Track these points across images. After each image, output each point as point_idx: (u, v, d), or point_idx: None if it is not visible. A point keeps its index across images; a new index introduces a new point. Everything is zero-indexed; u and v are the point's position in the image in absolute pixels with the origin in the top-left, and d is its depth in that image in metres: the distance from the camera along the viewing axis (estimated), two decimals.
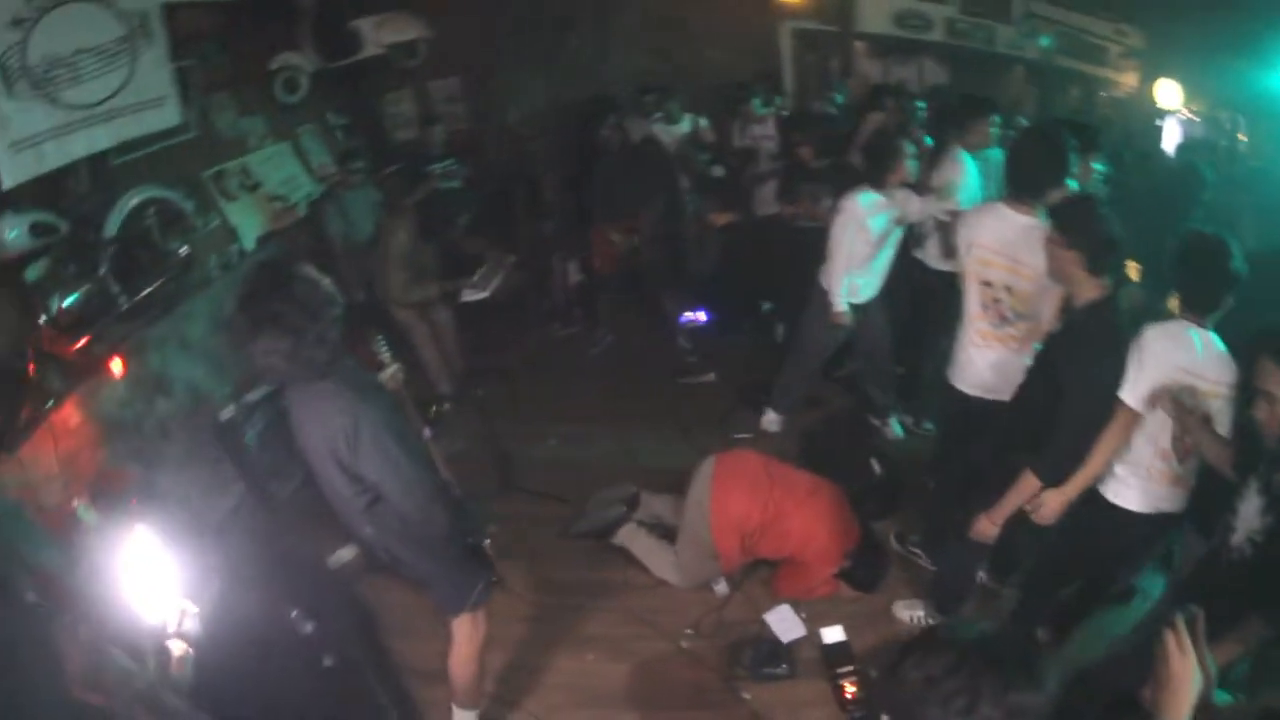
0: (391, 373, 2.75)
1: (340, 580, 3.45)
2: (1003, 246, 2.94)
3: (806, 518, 3.37)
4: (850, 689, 3.00)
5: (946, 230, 3.99)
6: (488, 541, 2.73)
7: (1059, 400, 2.53)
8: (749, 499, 3.35)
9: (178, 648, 2.44)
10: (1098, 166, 3.84)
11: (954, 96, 4.99)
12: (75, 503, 2.87)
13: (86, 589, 2.44)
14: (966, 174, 4.04)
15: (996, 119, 4.23)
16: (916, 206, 3.97)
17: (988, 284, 3.02)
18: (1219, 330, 2.42)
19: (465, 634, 2.64)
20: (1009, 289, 2.97)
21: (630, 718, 2.99)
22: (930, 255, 4.26)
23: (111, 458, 3.40)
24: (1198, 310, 2.41)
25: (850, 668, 3.07)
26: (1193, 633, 1.37)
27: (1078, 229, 2.50)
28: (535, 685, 3.10)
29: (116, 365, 3.35)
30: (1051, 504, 2.60)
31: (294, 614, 2.72)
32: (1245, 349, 2.22)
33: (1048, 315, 2.95)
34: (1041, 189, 2.89)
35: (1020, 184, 2.96)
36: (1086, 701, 2.51)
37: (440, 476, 2.77)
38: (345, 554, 3.60)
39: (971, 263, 3.05)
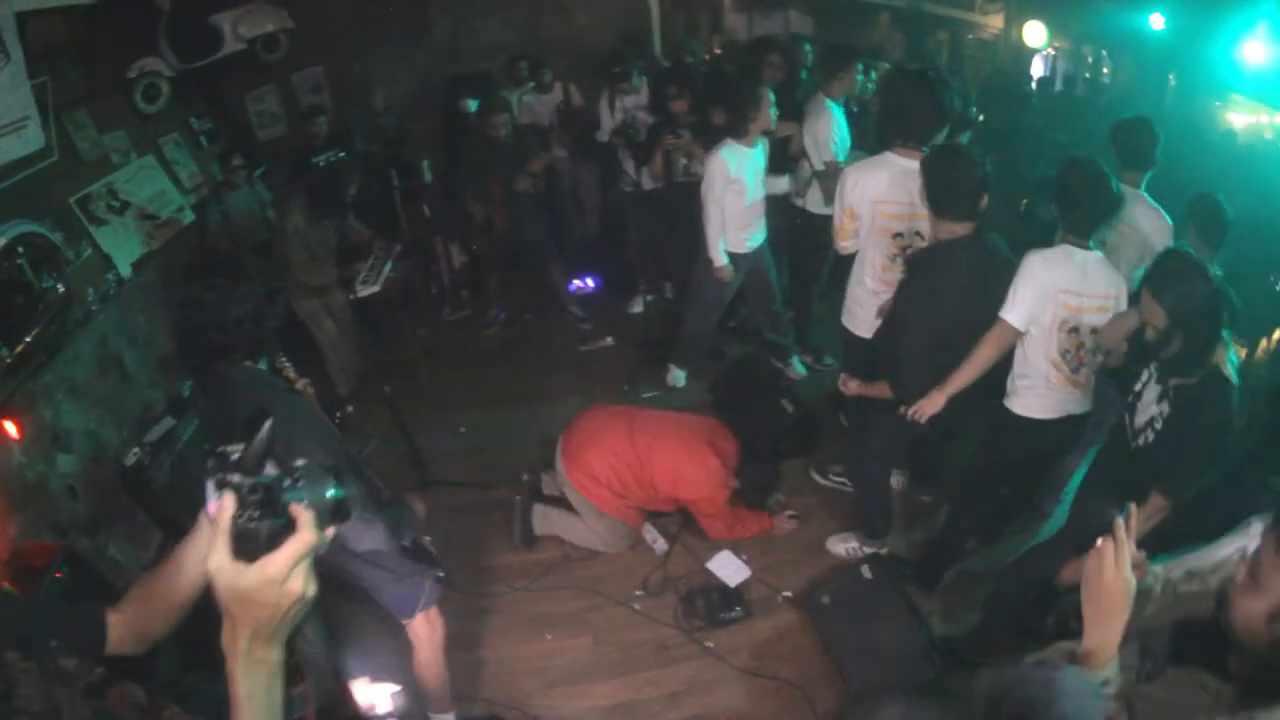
0: (303, 385, 2.70)
1: None
2: (901, 194, 3.13)
3: (665, 455, 3.41)
4: None
5: (824, 177, 4.20)
6: (428, 538, 2.73)
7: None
8: (594, 454, 3.46)
9: None
10: None
11: (819, 46, 5.12)
12: None
13: None
14: (835, 124, 4.21)
15: (859, 66, 4.38)
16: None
17: (898, 235, 3.21)
18: None
19: (424, 636, 2.66)
20: (919, 234, 3.17)
21: (604, 688, 3.09)
22: (811, 201, 4.46)
23: (23, 531, 3.17)
24: (1078, 232, 2.68)
25: None
26: (1119, 536, 1.37)
27: (930, 179, 2.77)
28: (504, 676, 3.15)
29: (10, 427, 3.11)
30: (930, 405, 2.85)
31: None
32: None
33: None
34: (925, 134, 3.07)
35: (904, 131, 3.13)
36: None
37: (368, 479, 2.76)
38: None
39: (877, 218, 3.22)
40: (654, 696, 3.03)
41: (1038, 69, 6.37)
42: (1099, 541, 1.39)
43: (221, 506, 0.84)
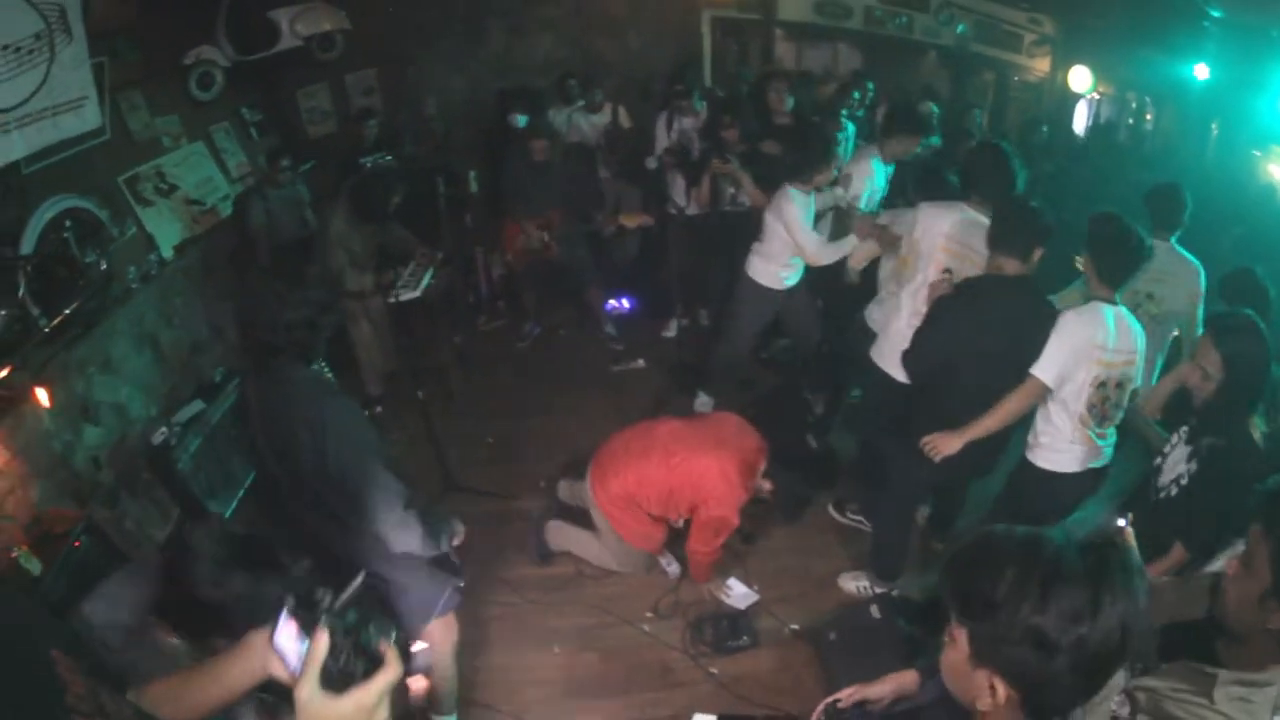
0: None
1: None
2: (964, 236, 3.25)
3: (697, 469, 3.29)
4: None
5: (843, 217, 4.23)
6: (456, 543, 2.74)
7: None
8: (623, 481, 3.38)
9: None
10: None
11: (895, 104, 5.16)
12: (14, 552, 2.70)
13: None
14: (871, 174, 4.25)
15: (923, 142, 4.43)
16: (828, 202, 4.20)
17: (948, 270, 3.26)
18: None
19: (438, 640, 2.68)
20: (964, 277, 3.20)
21: (606, 705, 3.07)
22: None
23: (45, 497, 3.22)
24: (1108, 285, 2.71)
25: None
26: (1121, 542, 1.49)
27: (996, 216, 2.94)
28: (508, 684, 3.14)
29: (42, 395, 3.16)
30: (946, 443, 2.88)
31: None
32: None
33: None
34: (993, 194, 3.18)
35: (978, 189, 3.29)
36: None
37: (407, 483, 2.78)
38: (298, 570, 3.54)
39: (936, 252, 3.31)
40: (654, 718, 3.01)
41: (1081, 114, 6.36)
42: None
43: (315, 647, 0.97)
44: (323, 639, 0.96)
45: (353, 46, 5.78)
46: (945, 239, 3.30)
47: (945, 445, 2.87)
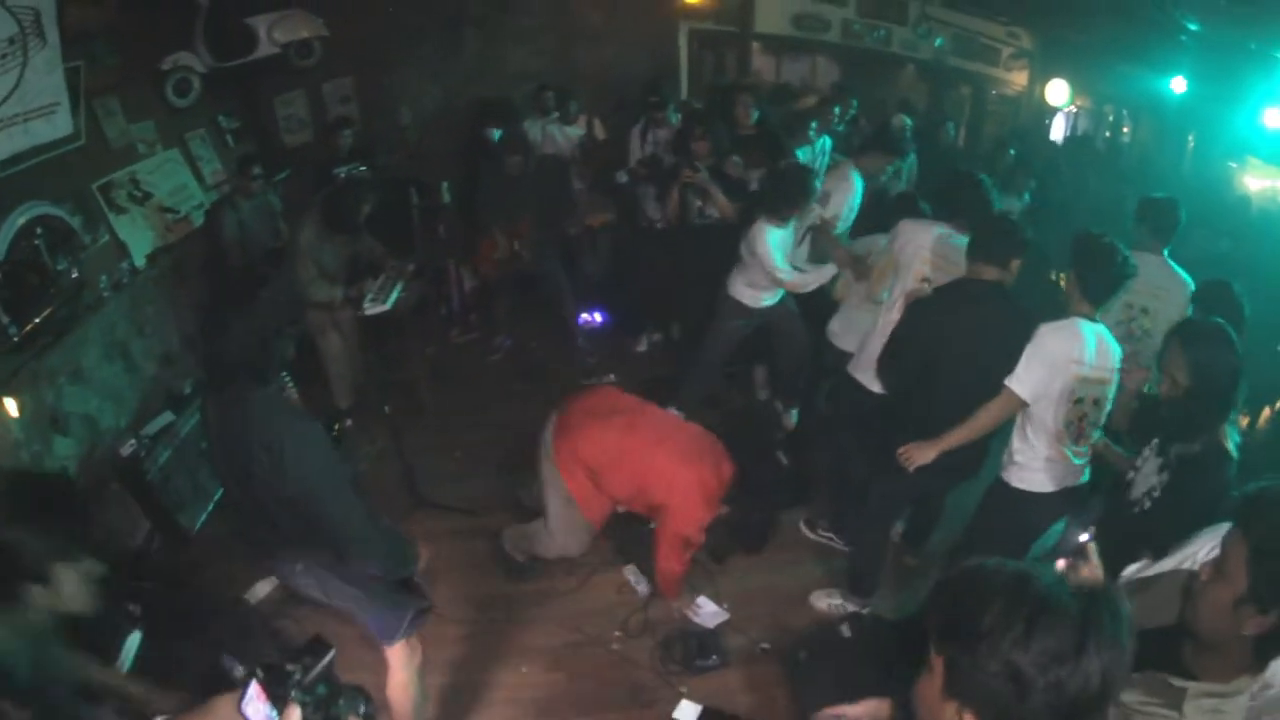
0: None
1: (261, 616, 3.36)
2: (942, 251, 3.35)
3: (665, 458, 3.21)
4: None
5: (818, 231, 4.28)
6: (420, 565, 2.74)
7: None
8: (588, 434, 3.31)
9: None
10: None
11: (871, 126, 5.24)
12: None
13: None
14: (852, 195, 4.30)
15: (894, 163, 4.55)
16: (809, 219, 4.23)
17: (926, 280, 3.34)
18: None
19: (401, 660, 2.65)
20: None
21: None
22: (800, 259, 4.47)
23: None
24: (1091, 302, 2.74)
25: None
26: (1086, 555, 1.47)
27: (976, 224, 3.07)
28: (477, 704, 3.14)
29: (10, 404, 3.13)
30: (921, 453, 2.90)
31: (224, 658, 2.65)
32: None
33: None
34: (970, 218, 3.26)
35: (956, 214, 3.39)
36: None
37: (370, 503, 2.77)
38: (262, 588, 3.52)
39: (915, 262, 3.39)
40: None
41: (1059, 127, 6.45)
42: (1061, 562, 1.44)
43: (288, 716, 1.07)
44: (295, 712, 1.02)
45: (331, 54, 5.75)
46: (927, 250, 3.38)
47: (919, 455, 2.88)
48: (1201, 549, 1.70)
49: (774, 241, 4.00)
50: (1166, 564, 1.79)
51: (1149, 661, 1.45)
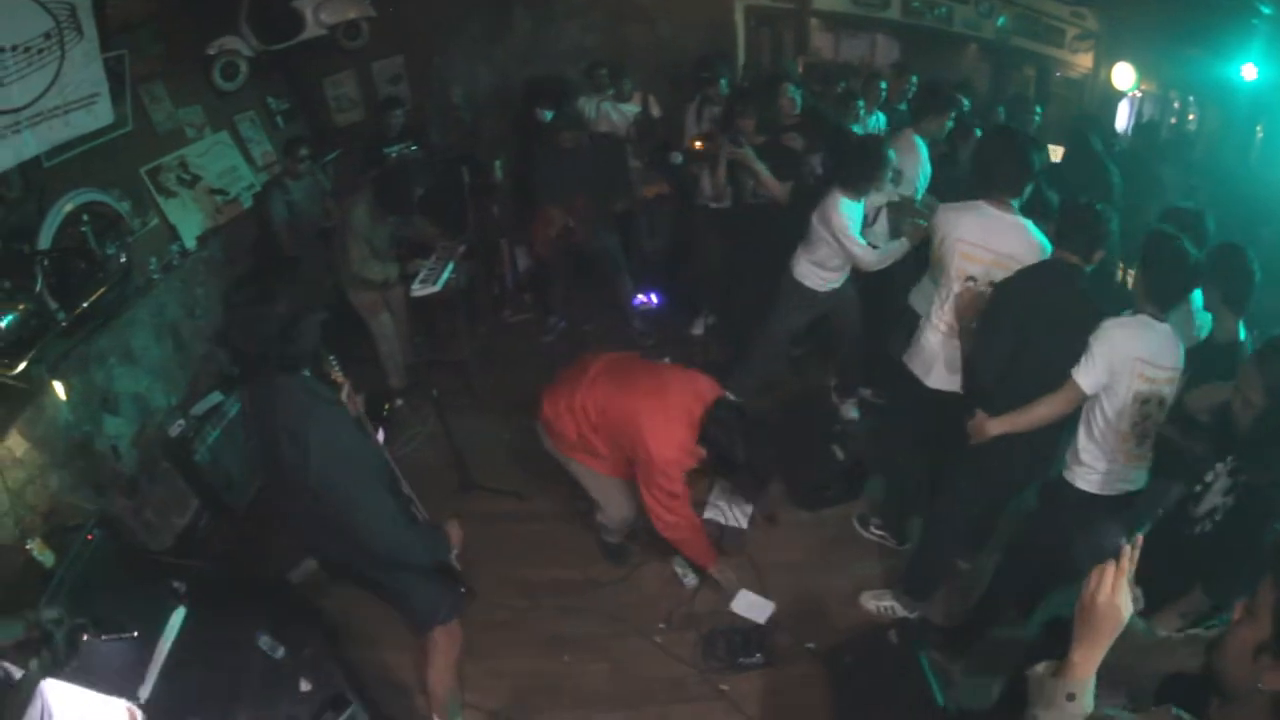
0: (347, 391, 2.68)
1: (304, 595, 3.36)
2: (985, 239, 3.07)
3: (629, 404, 3.08)
4: None
5: (896, 209, 4.07)
6: (455, 553, 2.69)
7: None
8: (556, 404, 3.32)
9: None
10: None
11: (919, 83, 5.01)
12: (28, 544, 2.70)
13: None
14: (921, 161, 4.10)
15: (950, 117, 4.29)
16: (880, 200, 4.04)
17: (971, 278, 3.11)
18: None
19: (440, 646, 2.65)
20: (992, 283, 3.04)
21: (612, 717, 3.01)
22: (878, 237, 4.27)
23: (63, 487, 3.24)
24: (1158, 304, 2.57)
25: None
26: (1122, 564, 1.41)
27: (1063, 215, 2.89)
28: (514, 690, 3.10)
29: (59, 387, 3.17)
30: (988, 427, 2.80)
31: (262, 639, 2.65)
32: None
33: None
34: (1009, 188, 3.05)
35: (990, 184, 3.09)
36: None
37: (403, 496, 2.74)
38: (309, 566, 3.53)
39: (957, 257, 3.14)
40: None
41: (1124, 113, 6.11)
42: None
43: None
44: None
45: (379, 34, 5.73)
46: (964, 244, 3.12)
47: (981, 430, 2.81)
48: None
49: (850, 212, 3.83)
50: None
51: (1177, 700, 1.41)
